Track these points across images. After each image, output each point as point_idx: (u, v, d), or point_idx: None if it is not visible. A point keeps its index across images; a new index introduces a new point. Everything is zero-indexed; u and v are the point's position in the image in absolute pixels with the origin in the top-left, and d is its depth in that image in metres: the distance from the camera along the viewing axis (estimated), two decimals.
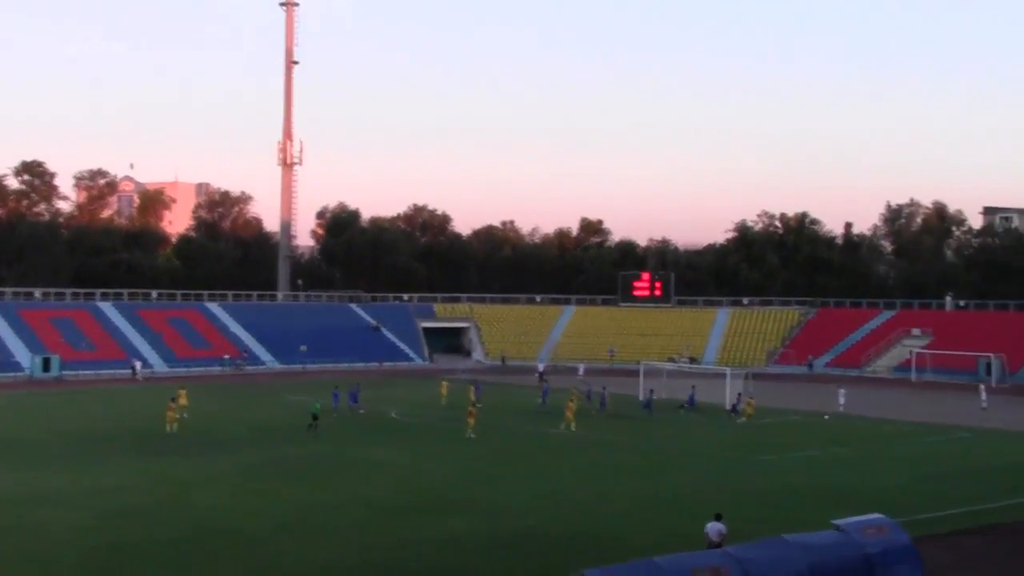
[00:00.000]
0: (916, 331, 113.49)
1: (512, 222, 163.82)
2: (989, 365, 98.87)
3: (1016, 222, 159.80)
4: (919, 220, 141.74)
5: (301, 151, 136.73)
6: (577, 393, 74.37)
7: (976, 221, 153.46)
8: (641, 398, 77.53)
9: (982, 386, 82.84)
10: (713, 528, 31.75)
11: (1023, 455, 57.01)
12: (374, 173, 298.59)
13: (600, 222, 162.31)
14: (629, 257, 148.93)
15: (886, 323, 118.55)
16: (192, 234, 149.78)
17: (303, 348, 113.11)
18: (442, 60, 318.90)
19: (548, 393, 78.09)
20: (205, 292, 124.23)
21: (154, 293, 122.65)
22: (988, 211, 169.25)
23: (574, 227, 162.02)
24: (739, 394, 74.67)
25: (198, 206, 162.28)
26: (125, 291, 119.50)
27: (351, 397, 73.03)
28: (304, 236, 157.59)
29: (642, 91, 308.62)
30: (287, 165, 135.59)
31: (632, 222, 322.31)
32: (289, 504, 41.51)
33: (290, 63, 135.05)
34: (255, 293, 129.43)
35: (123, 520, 38.14)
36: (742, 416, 70.31)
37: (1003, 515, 40.87)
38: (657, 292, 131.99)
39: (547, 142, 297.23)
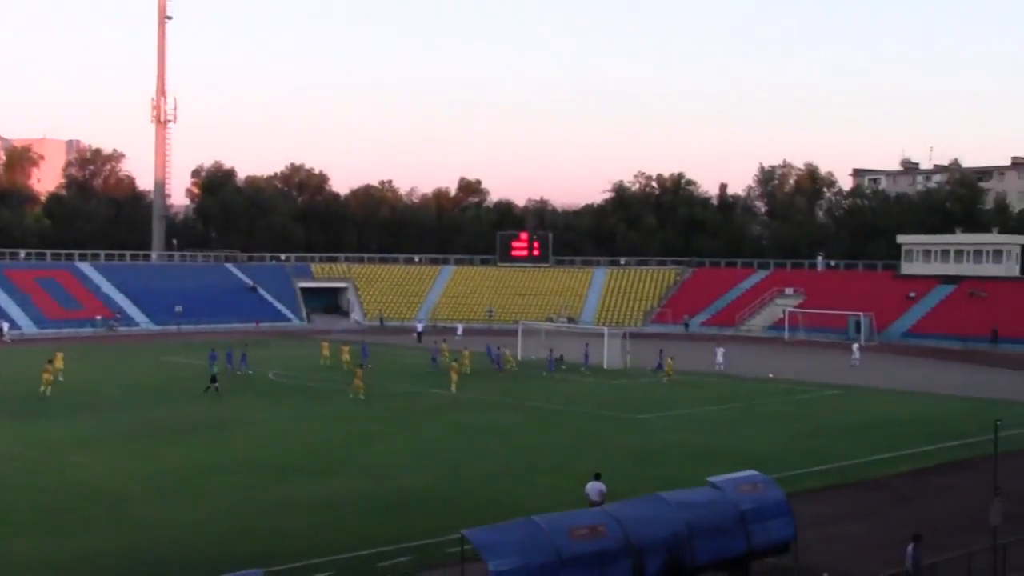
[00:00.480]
0: (789, 290, 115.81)
1: (390, 182, 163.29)
2: (859, 323, 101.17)
3: (884, 184, 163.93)
4: (792, 181, 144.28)
5: (175, 108, 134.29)
6: (469, 354, 74.44)
7: (846, 183, 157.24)
8: (521, 356, 78.24)
9: (855, 344, 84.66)
10: (593, 488, 31.94)
11: (890, 411, 58.35)
12: (250, 131, 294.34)
13: (479, 182, 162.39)
14: (508, 217, 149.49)
15: (760, 283, 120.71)
16: (62, 192, 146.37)
17: (178, 309, 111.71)
18: (319, 16, 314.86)
19: (439, 353, 77.80)
20: (76, 252, 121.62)
21: (22, 253, 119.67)
22: (857, 173, 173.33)
23: (452, 187, 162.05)
24: (660, 350, 75.80)
25: (69, 164, 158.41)
26: None
27: (229, 358, 72.42)
28: (179, 195, 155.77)
29: (520, 51, 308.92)
30: (161, 122, 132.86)
31: (510, 182, 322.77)
32: (167, 467, 40.93)
33: (163, 18, 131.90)
34: (128, 253, 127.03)
35: None
36: (665, 375, 70.60)
37: (874, 470, 41.99)
38: (535, 252, 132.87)
39: (425, 101, 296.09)
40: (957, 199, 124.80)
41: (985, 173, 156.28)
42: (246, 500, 35.76)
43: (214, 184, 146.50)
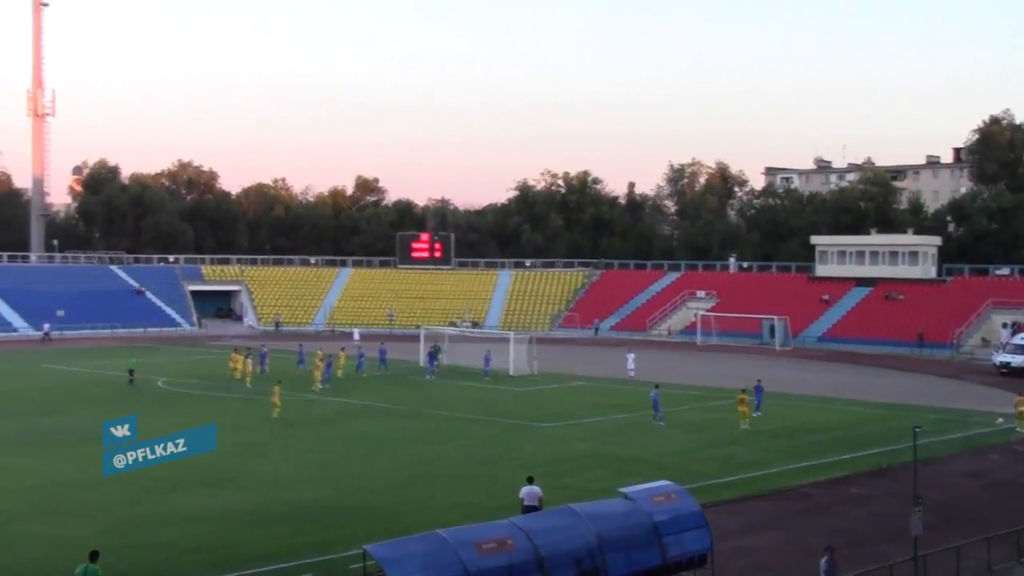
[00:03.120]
0: (701, 293, 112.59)
1: (284, 179, 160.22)
2: (773, 328, 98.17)
3: (796, 183, 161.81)
4: (702, 180, 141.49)
5: (54, 101, 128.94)
6: (344, 356, 71.36)
7: (758, 181, 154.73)
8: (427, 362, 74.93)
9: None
10: (530, 493, 31.12)
11: (806, 418, 56.47)
12: (136, 127, 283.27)
13: (376, 180, 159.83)
14: (407, 217, 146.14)
15: (671, 285, 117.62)
16: None
17: (60, 313, 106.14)
18: (207, 8, 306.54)
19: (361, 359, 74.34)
20: None
21: None
22: (769, 171, 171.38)
23: (349, 185, 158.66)
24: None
25: None
26: None
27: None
28: (59, 194, 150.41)
29: (418, 49, 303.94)
30: (38, 116, 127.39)
31: (409, 181, 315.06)
32: (50, 481, 38.81)
33: (39, 4, 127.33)
34: (5, 254, 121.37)
35: None
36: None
37: (788, 479, 40.81)
38: (437, 254, 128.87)
39: (319, 97, 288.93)
40: (871, 198, 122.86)
41: (899, 172, 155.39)
42: (135, 514, 34.07)
43: (97, 182, 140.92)
